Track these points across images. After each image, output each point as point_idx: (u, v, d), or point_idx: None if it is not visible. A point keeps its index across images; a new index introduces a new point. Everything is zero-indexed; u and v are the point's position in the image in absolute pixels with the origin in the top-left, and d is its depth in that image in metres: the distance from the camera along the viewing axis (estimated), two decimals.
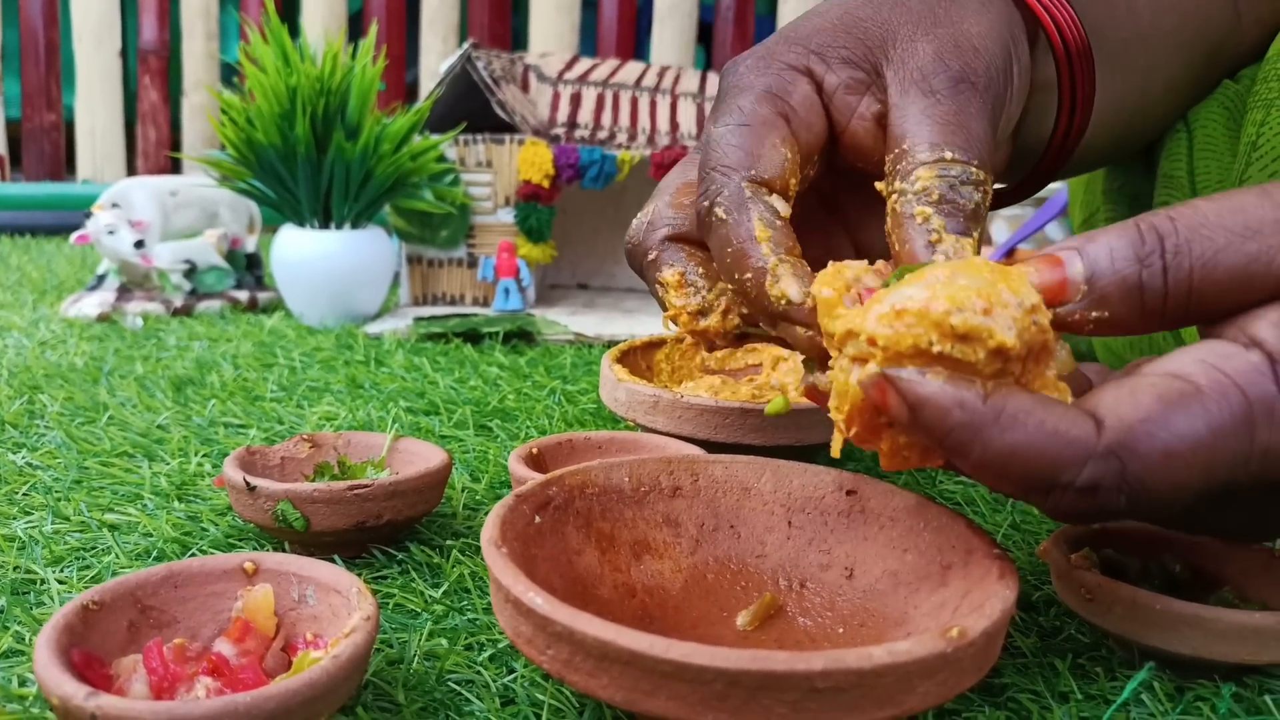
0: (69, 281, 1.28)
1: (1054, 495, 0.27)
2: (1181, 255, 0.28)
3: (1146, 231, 0.28)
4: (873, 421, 0.30)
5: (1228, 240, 0.28)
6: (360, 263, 1.03)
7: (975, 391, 0.27)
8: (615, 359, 0.63)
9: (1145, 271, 0.28)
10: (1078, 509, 0.27)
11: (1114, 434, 0.26)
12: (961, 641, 0.27)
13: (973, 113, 0.35)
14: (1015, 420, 0.27)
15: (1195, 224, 0.28)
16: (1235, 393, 0.27)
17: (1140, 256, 0.28)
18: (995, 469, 0.27)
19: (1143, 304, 0.28)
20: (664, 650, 0.26)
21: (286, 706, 0.28)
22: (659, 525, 0.40)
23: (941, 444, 0.28)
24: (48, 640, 0.30)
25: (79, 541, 0.47)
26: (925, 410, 0.27)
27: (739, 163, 0.35)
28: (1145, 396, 0.27)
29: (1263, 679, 0.37)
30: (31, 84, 2.18)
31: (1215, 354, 0.28)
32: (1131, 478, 0.26)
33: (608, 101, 1.21)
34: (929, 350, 0.27)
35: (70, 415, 0.66)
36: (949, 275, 0.28)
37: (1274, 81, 0.47)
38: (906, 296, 0.27)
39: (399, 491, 0.45)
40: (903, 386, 0.27)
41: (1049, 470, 0.27)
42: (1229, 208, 0.28)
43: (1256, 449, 0.27)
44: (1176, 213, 0.28)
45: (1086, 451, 0.26)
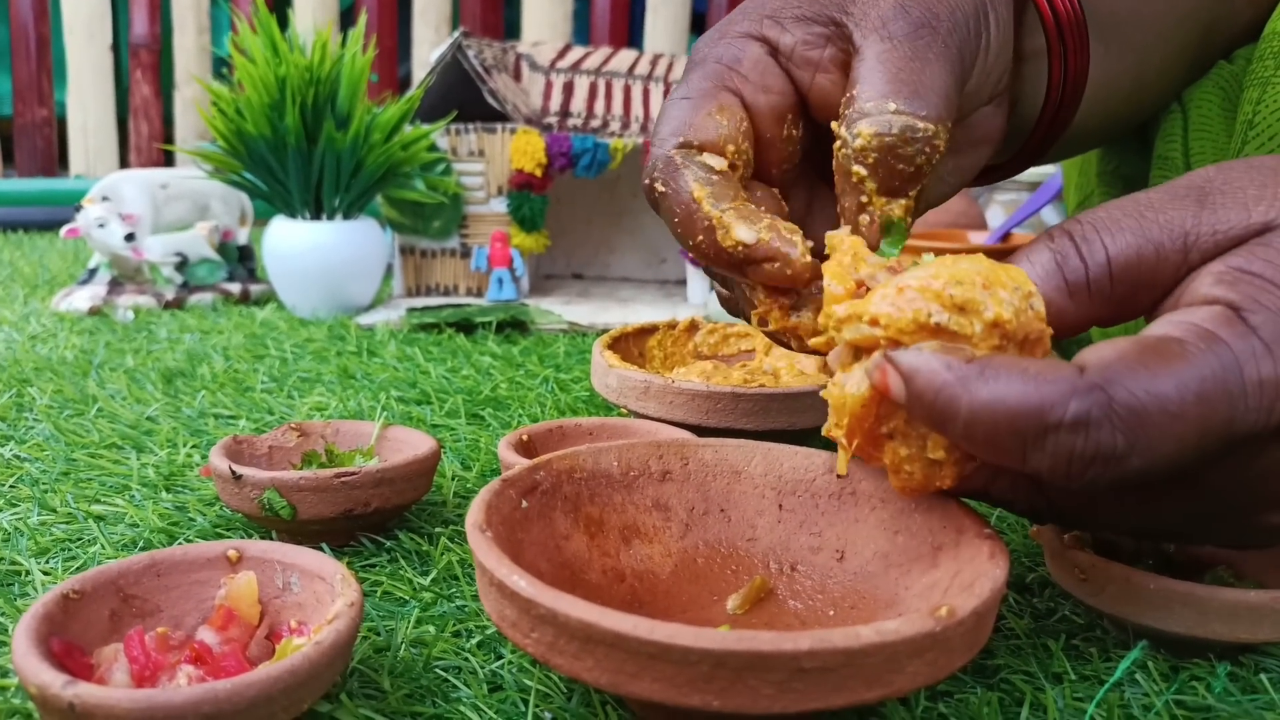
0: (61, 276, 1.27)
1: (1048, 441, 0.27)
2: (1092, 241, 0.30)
3: (1057, 235, 0.31)
4: (873, 432, 0.31)
5: (1125, 217, 0.30)
6: (352, 254, 1.02)
7: (960, 353, 0.28)
8: (607, 345, 0.63)
9: (1066, 265, 0.30)
10: (1077, 453, 0.27)
11: (1096, 371, 0.27)
12: (950, 621, 0.27)
13: (930, 58, 0.34)
14: (998, 372, 0.27)
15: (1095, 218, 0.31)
16: (1211, 335, 0.27)
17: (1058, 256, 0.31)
18: (985, 421, 0.27)
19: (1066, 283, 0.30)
20: (648, 632, 0.25)
21: (268, 693, 0.28)
22: (648, 510, 0.39)
23: (933, 409, 0.28)
24: (26, 629, 0.30)
25: (65, 533, 0.46)
26: (917, 379, 0.28)
27: (671, 132, 0.36)
28: (1124, 343, 0.28)
29: (1258, 658, 0.37)
30: (22, 79, 2.17)
31: (1183, 314, 0.29)
32: (1121, 408, 0.26)
33: (600, 90, 1.20)
34: (928, 322, 0.28)
35: (59, 408, 0.66)
36: (952, 260, 0.29)
37: (1269, 60, 0.47)
38: (910, 277, 0.29)
39: (387, 479, 0.44)
40: (899, 361, 0.28)
41: (1035, 412, 0.26)
42: (1124, 200, 0.31)
43: (1249, 383, 0.27)
44: (1079, 215, 0.31)
45: (1070, 387, 0.26)
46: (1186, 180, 0.31)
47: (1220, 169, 0.31)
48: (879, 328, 0.29)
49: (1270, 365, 0.27)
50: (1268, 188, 0.30)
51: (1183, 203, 0.30)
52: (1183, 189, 0.31)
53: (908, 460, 0.31)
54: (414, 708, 0.33)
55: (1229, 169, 0.31)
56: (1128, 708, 0.34)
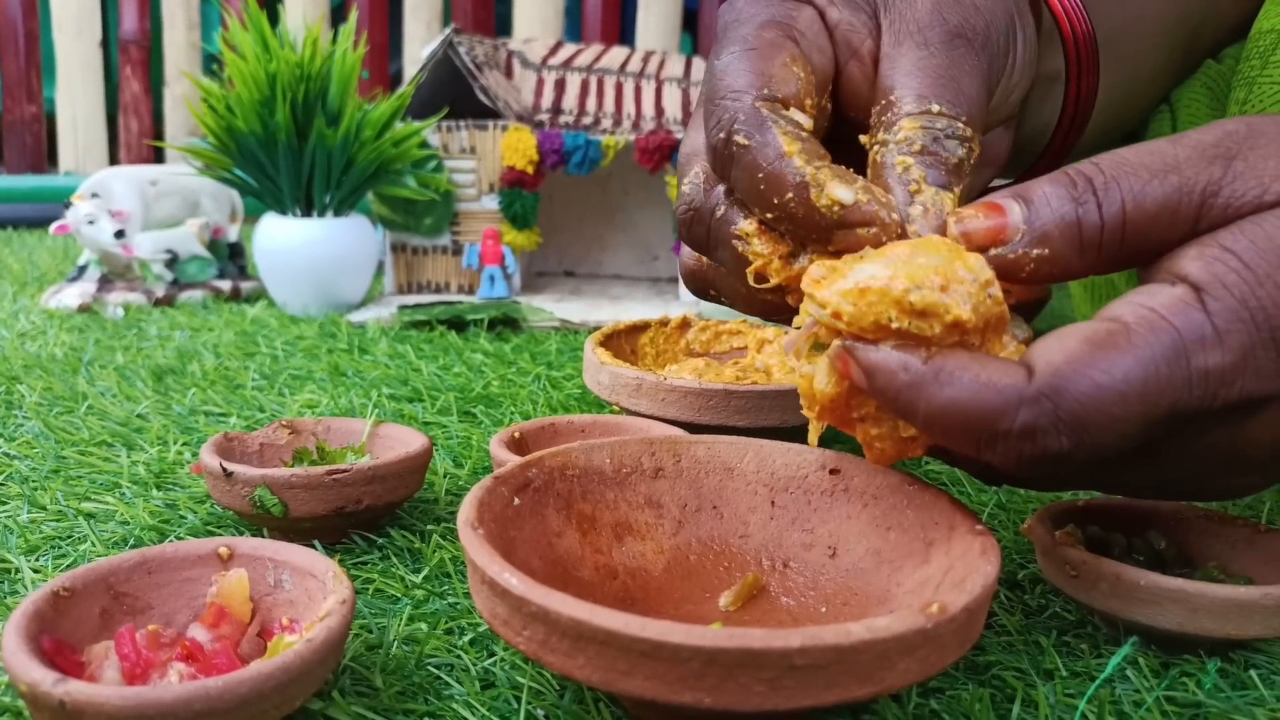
0: (50, 273, 1.26)
1: (999, 445, 0.28)
2: (1112, 190, 0.29)
3: (1076, 175, 0.30)
4: (844, 416, 0.32)
5: (1151, 175, 0.29)
6: (343, 251, 1.02)
7: (919, 355, 0.28)
8: (599, 342, 0.62)
9: (1081, 209, 0.29)
10: (1025, 456, 0.28)
11: (1042, 378, 0.27)
12: (942, 617, 0.27)
13: (966, 69, 0.34)
14: (951, 376, 0.28)
15: (1118, 163, 0.30)
16: (1162, 324, 0.27)
17: (1075, 197, 0.29)
18: (940, 424, 0.28)
19: (1081, 240, 0.29)
20: (640, 629, 0.25)
21: (260, 691, 0.28)
22: (641, 506, 0.39)
23: (893, 407, 0.29)
24: (17, 627, 0.30)
25: (55, 530, 0.46)
26: (877, 376, 0.29)
27: (749, 84, 0.33)
28: (1071, 340, 0.28)
29: (1248, 654, 0.37)
30: (11, 76, 2.16)
31: (1143, 294, 0.29)
32: (1066, 415, 0.27)
33: (592, 87, 1.20)
34: (889, 326, 0.29)
35: (49, 405, 0.66)
36: (909, 253, 0.29)
37: (1255, 60, 0.47)
38: (869, 275, 0.29)
39: (378, 476, 0.44)
40: (859, 356, 0.29)
41: (986, 419, 0.28)
42: (1146, 150, 0.30)
43: (1195, 373, 0.27)
44: (1099, 158, 0.30)
45: (1018, 396, 0.27)
46: (1215, 137, 0.30)
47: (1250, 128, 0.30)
48: (841, 322, 0.29)
49: (1218, 355, 0.27)
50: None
51: (1209, 165, 0.29)
52: (1210, 148, 0.29)
53: (879, 438, 0.32)
54: (406, 705, 0.33)
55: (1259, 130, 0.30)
56: (1119, 704, 0.34)
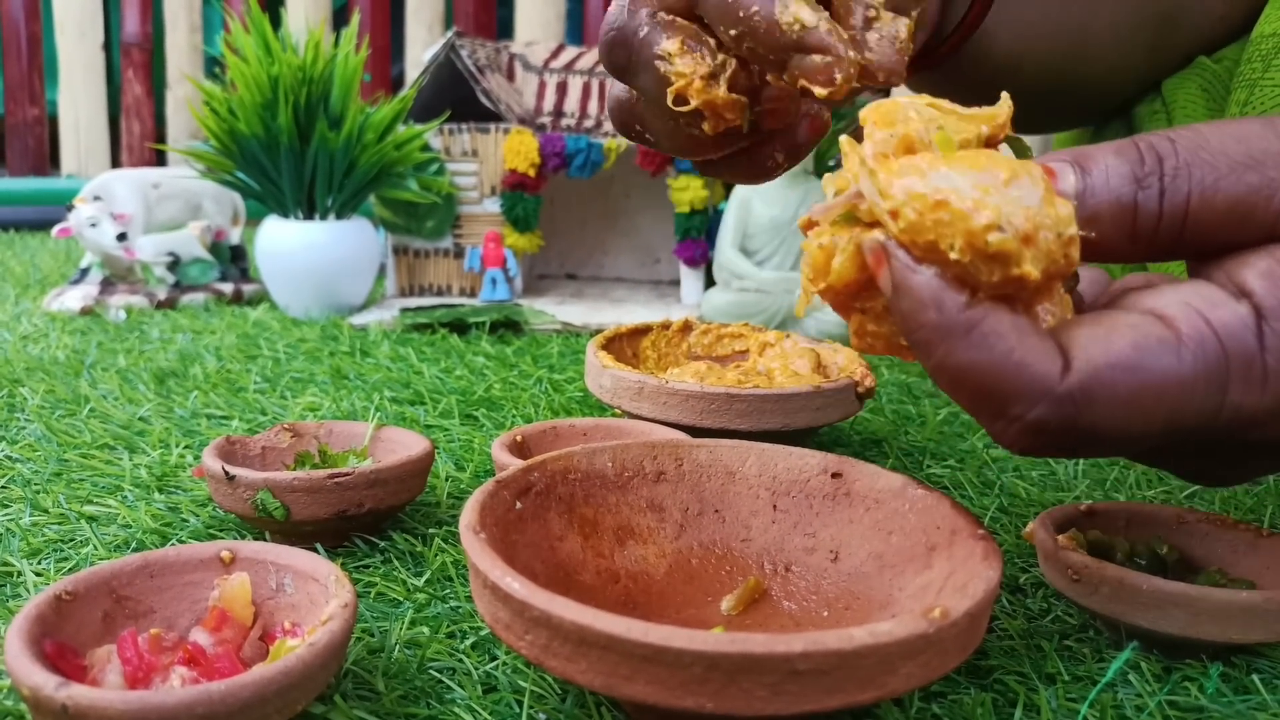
0: (52, 276, 1.27)
1: (999, 423, 0.26)
2: (1180, 179, 0.26)
3: (1146, 151, 0.27)
4: (847, 302, 0.29)
5: (1229, 168, 0.26)
6: (345, 254, 1.02)
7: (958, 297, 0.25)
8: (601, 345, 0.63)
9: (1141, 193, 0.26)
10: (1022, 443, 0.26)
11: (1077, 378, 0.25)
12: (944, 622, 0.27)
13: None
14: (985, 339, 0.25)
15: (1196, 148, 0.26)
16: (1214, 344, 0.25)
17: (1138, 177, 0.26)
18: (951, 378, 0.26)
19: (1134, 228, 0.27)
20: (642, 634, 0.25)
21: (262, 695, 0.28)
22: (643, 510, 0.40)
23: (909, 337, 0.26)
24: (19, 630, 0.30)
25: (57, 534, 0.46)
26: (905, 299, 0.26)
27: None
28: (1121, 339, 0.25)
29: (1250, 658, 0.37)
30: (13, 78, 2.16)
31: (1203, 298, 0.26)
32: (1084, 424, 0.25)
33: (594, 90, 1.20)
34: (945, 253, 0.25)
35: (51, 408, 0.66)
36: (1007, 179, 0.25)
37: (1257, 62, 0.47)
38: (954, 188, 0.25)
39: (380, 480, 0.44)
40: (895, 265, 0.26)
41: (1001, 398, 0.25)
42: (1232, 135, 0.26)
43: (1227, 406, 0.25)
44: (1177, 134, 0.27)
45: (1044, 390, 0.25)
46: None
47: None
48: (894, 222, 0.26)
49: (1256, 397, 0.25)
50: None
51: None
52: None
53: (874, 335, 0.29)
54: (408, 709, 0.33)
55: None
56: (1120, 708, 0.34)
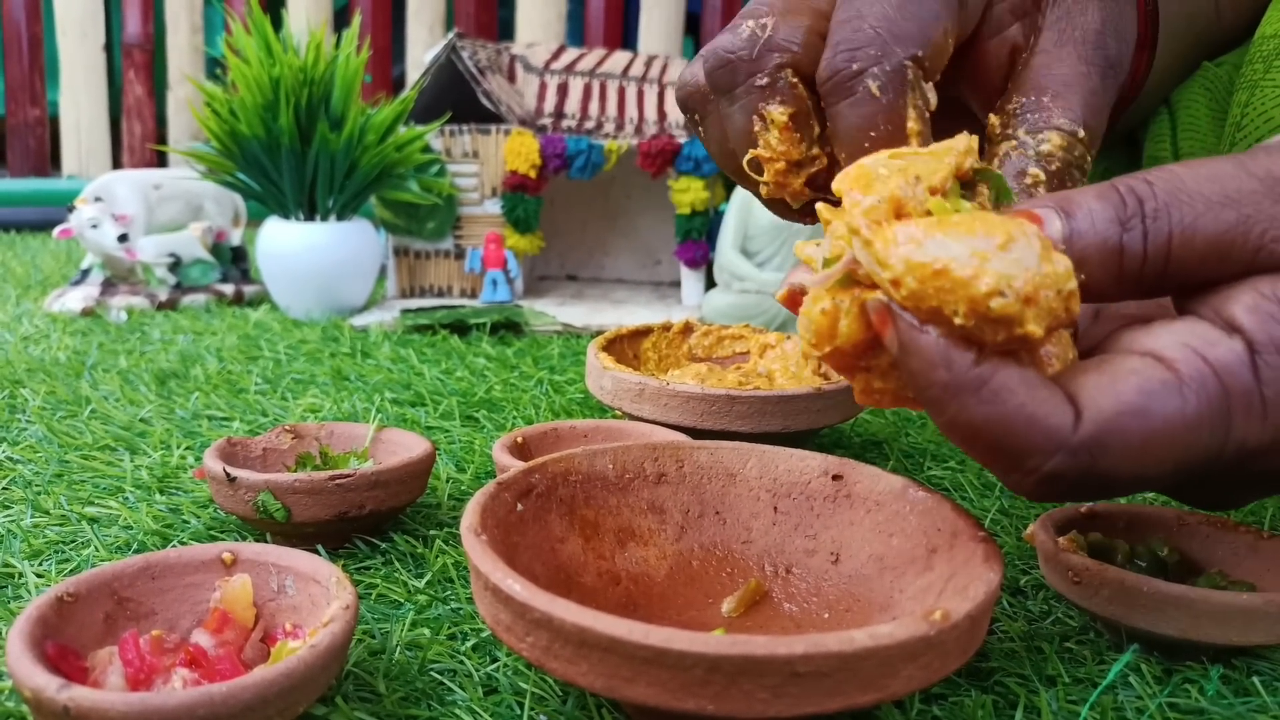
0: (53, 276, 1.27)
1: (1015, 475, 0.27)
2: (1161, 220, 0.27)
3: (1126, 194, 0.27)
4: (851, 362, 0.29)
5: (1206, 207, 0.27)
6: (346, 255, 1.02)
7: (966, 355, 0.26)
8: (601, 347, 0.63)
9: (1126, 235, 0.27)
10: (1038, 493, 0.27)
11: (1089, 428, 0.26)
12: (945, 624, 0.27)
13: (1107, 103, 0.34)
14: (996, 395, 0.26)
15: (1174, 189, 0.27)
16: (1214, 384, 0.26)
17: (1121, 220, 0.27)
18: (964, 434, 0.26)
19: (1121, 269, 0.27)
20: (643, 636, 0.25)
21: (263, 697, 0.28)
22: (644, 512, 0.40)
23: (920, 395, 0.27)
24: (20, 632, 0.30)
25: (58, 535, 0.46)
26: (914, 359, 0.26)
27: (908, 36, 0.31)
28: (1126, 386, 0.26)
29: (1250, 660, 0.37)
30: (15, 79, 2.16)
31: (1198, 337, 0.27)
32: (1099, 472, 0.26)
33: (595, 91, 1.20)
34: (950, 319, 0.25)
35: (52, 409, 0.66)
36: (1003, 243, 0.25)
37: (1258, 64, 0.47)
38: (952, 256, 0.25)
39: (381, 481, 0.44)
40: (902, 328, 0.26)
41: (1017, 453, 0.26)
42: (1205, 175, 0.27)
43: (1231, 442, 0.26)
44: (1154, 177, 0.28)
45: (1059, 444, 0.26)
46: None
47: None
48: (896, 291, 0.26)
49: (1258, 431, 0.26)
50: None
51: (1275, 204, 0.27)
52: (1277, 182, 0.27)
53: (880, 390, 0.30)
54: (409, 711, 0.33)
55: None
56: (1121, 710, 0.34)
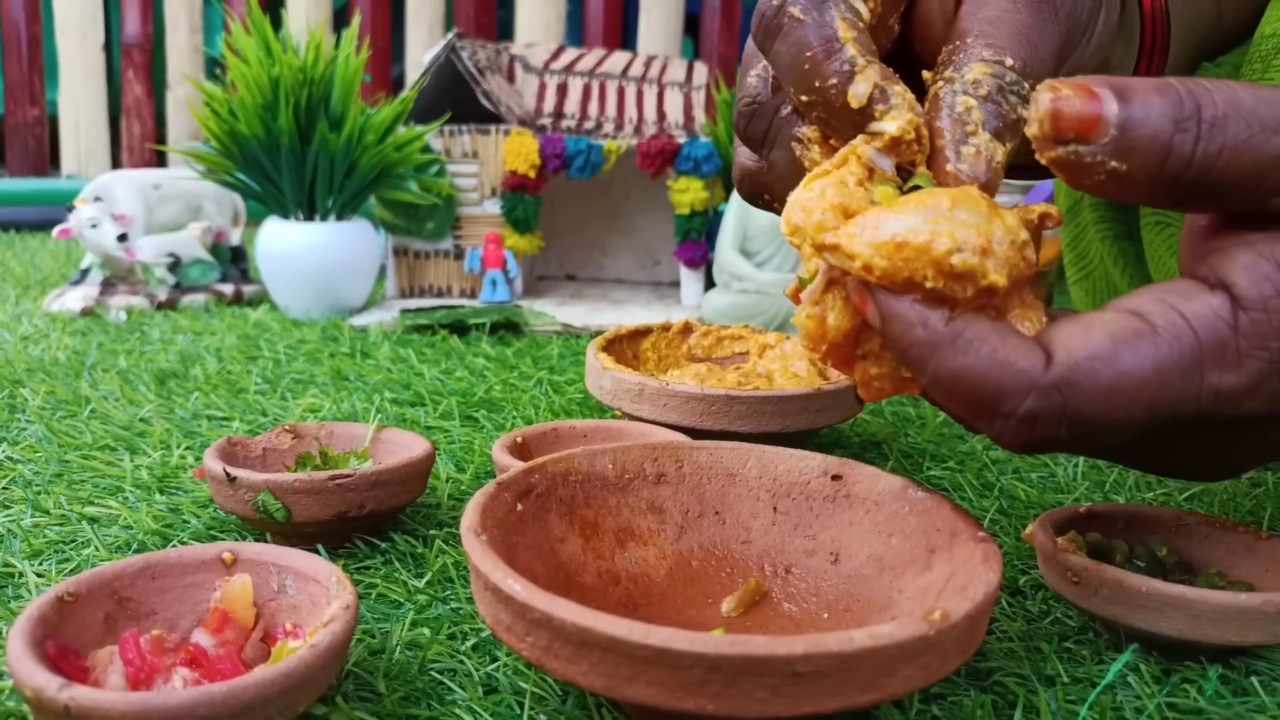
0: (53, 276, 1.27)
1: (997, 422, 0.28)
2: (1217, 130, 0.27)
3: (1186, 95, 0.27)
4: (848, 354, 0.31)
5: (1260, 129, 0.27)
6: (346, 255, 1.02)
7: (940, 313, 0.28)
8: (601, 347, 0.63)
9: (1178, 135, 0.27)
10: (1020, 438, 0.28)
11: (1059, 369, 0.27)
12: (944, 624, 0.27)
13: (1045, 34, 0.33)
14: (970, 345, 0.27)
15: (1233, 102, 0.27)
16: (1188, 334, 0.27)
17: (1177, 119, 0.27)
18: (945, 388, 0.28)
19: (1163, 168, 0.27)
20: (643, 636, 0.25)
21: (264, 696, 0.28)
22: (643, 512, 0.40)
23: (903, 358, 0.28)
24: (21, 632, 0.30)
25: (58, 535, 0.46)
26: (893, 324, 0.28)
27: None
28: (1098, 333, 0.27)
29: (1249, 660, 0.37)
30: (14, 79, 2.16)
31: (1176, 293, 0.28)
32: (1072, 412, 0.27)
33: (594, 91, 1.20)
34: (921, 284, 0.27)
35: (51, 409, 0.66)
36: (950, 207, 0.27)
37: (1257, 63, 0.47)
38: (908, 228, 0.27)
39: (381, 481, 0.44)
40: (879, 298, 0.28)
41: (992, 396, 0.27)
42: (1265, 99, 0.27)
43: (1206, 390, 0.27)
44: (1213, 85, 0.27)
45: (1030, 383, 0.27)
46: None
47: None
48: (871, 275, 0.28)
49: (1233, 378, 0.27)
50: None
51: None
52: None
53: (877, 377, 0.31)
54: (409, 710, 0.33)
55: None
56: (1120, 710, 0.34)
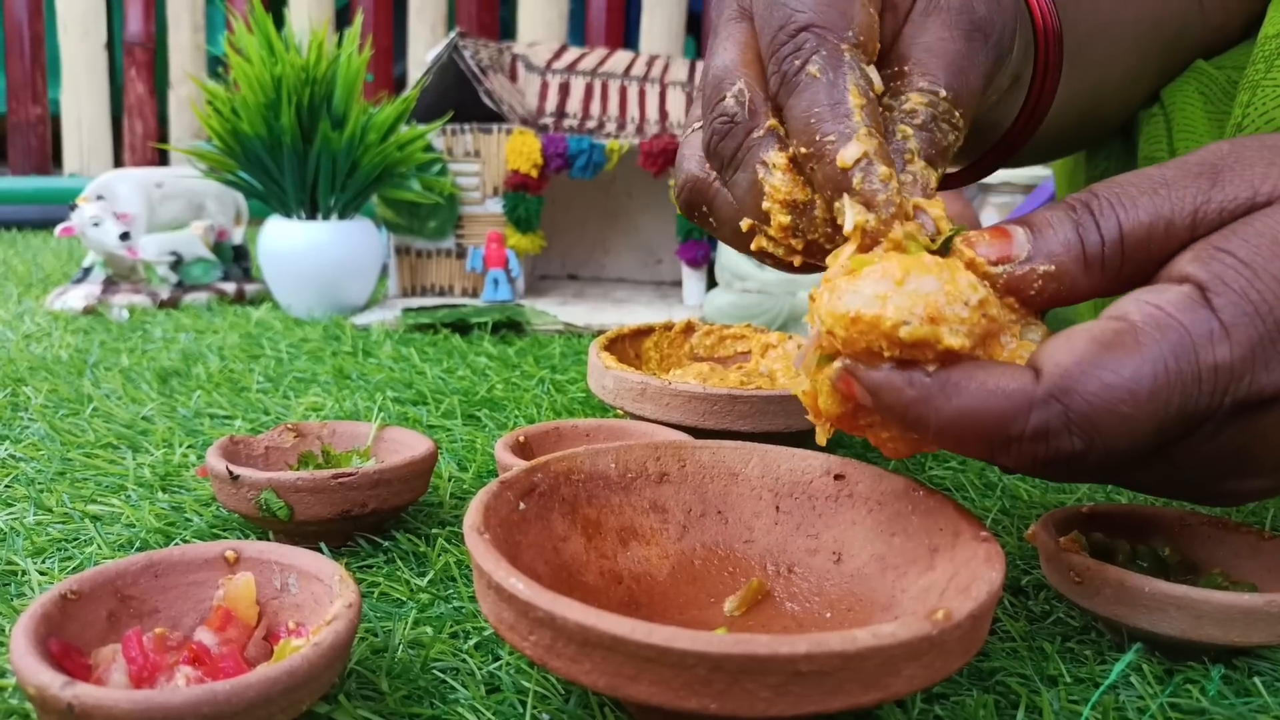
0: (55, 275, 1.27)
1: (1012, 449, 0.28)
2: (1108, 214, 0.30)
3: (1075, 204, 0.31)
4: (852, 425, 0.32)
5: (1141, 193, 0.30)
6: (348, 254, 1.02)
7: (920, 371, 0.29)
8: (603, 346, 0.63)
9: (1082, 228, 0.30)
10: (1038, 458, 0.28)
11: (1050, 379, 0.28)
12: (947, 624, 0.27)
13: (975, 63, 0.35)
14: (958, 386, 0.28)
15: (1113, 190, 0.31)
16: (1169, 321, 0.28)
17: (1077, 224, 0.30)
18: (952, 434, 0.29)
19: (1086, 260, 0.30)
20: (646, 635, 0.25)
21: (267, 695, 0.28)
22: (646, 511, 0.40)
23: (903, 424, 0.29)
24: (24, 630, 0.30)
25: (61, 533, 0.46)
26: (882, 394, 0.29)
27: (834, 23, 0.33)
28: (1079, 341, 0.28)
29: (1252, 660, 0.37)
30: (16, 77, 2.16)
31: (1149, 293, 0.29)
32: (1077, 416, 0.28)
33: (596, 91, 1.20)
34: (881, 353, 0.29)
35: (54, 407, 0.66)
36: (900, 276, 0.29)
37: (1260, 63, 0.47)
38: (860, 303, 0.29)
39: (384, 480, 0.44)
40: (861, 377, 0.30)
41: (998, 425, 0.28)
42: (1138, 176, 0.31)
43: (1204, 369, 0.28)
44: (1095, 187, 0.31)
45: (1027, 400, 0.28)
46: (1200, 156, 0.31)
47: (1234, 145, 0.31)
48: (833, 339, 0.30)
49: (1225, 350, 0.28)
50: (1275, 165, 0.30)
51: (1196, 180, 0.30)
52: (1195, 166, 0.31)
53: (890, 439, 0.32)
54: (412, 709, 0.33)
55: (1243, 146, 0.31)
56: (1122, 710, 0.34)
